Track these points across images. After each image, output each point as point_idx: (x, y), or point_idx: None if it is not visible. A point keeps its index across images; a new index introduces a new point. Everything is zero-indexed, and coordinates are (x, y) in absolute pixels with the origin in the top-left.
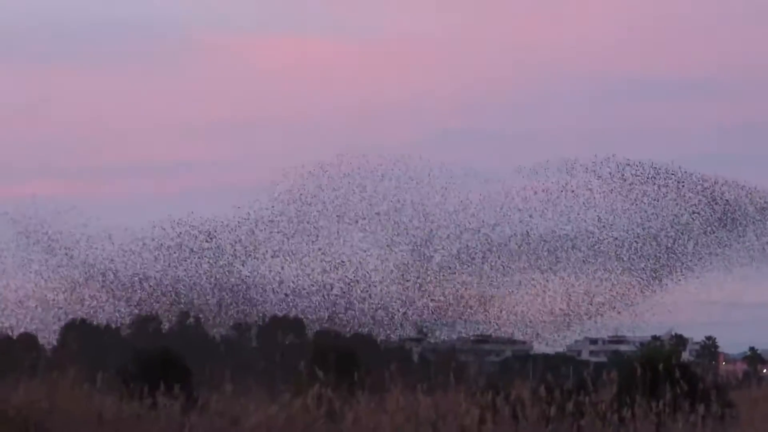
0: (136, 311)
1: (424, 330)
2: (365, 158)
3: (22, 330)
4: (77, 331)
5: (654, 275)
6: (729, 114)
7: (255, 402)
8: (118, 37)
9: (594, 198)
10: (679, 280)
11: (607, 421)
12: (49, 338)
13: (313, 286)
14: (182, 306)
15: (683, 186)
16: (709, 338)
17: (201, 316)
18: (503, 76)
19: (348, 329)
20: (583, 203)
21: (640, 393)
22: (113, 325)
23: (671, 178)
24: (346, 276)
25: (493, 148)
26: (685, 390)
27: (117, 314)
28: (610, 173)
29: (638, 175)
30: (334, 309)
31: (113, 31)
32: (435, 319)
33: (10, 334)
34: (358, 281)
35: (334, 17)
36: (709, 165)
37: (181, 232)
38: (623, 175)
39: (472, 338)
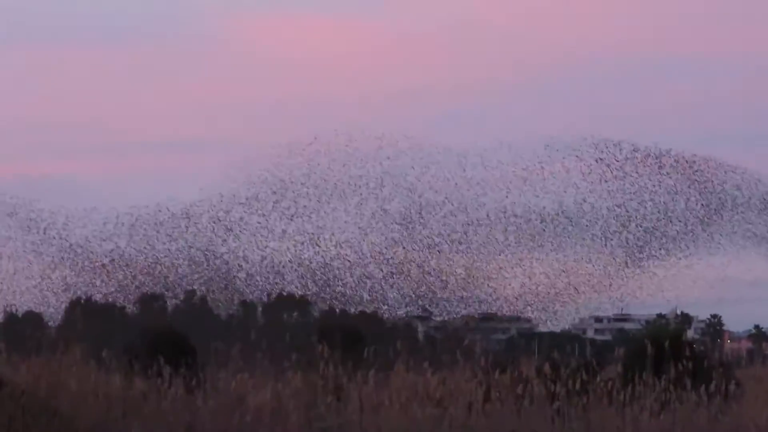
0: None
1: (429, 308)
2: (349, 138)
3: (26, 308)
4: (82, 310)
5: (637, 254)
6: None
7: (261, 380)
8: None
9: (571, 177)
10: (663, 258)
11: (613, 398)
12: (53, 316)
13: (301, 265)
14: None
15: (663, 165)
16: (714, 316)
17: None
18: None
19: (353, 308)
20: (563, 182)
21: (646, 371)
22: (118, 304)
23: (651, 157)
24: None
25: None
26: (690, 368)
27: (93, 289)
28: (592, 152)
29: (616, 154)
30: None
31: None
32: (438, 297)
33: (15, 312)
34: (353, 262)
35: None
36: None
37: (160, 211)
38: (602, 154)
39: (477, 316)
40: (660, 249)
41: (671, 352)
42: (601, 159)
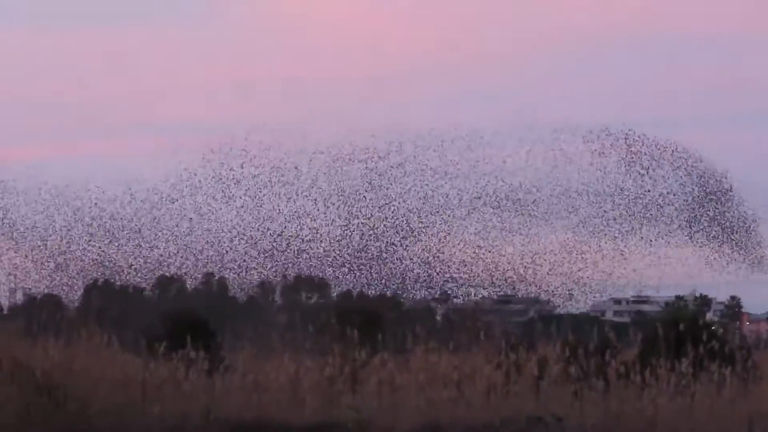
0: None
1: (448, 291)
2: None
3: (45, 291)
4: (99, 292)
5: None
6: None
7: (279, 362)
8: None
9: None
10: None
11: (631, 381)
12: (71, 299)
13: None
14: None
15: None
16: (733, 298)
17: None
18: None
19: (372, 290)
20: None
21: (664, 353)
22: (136, 286)
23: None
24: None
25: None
26: (708, 350)
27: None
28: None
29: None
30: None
31: None
32: (456, 280)
33: (34, 294)
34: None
35: None
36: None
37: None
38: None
39: (495, 298)
40: (676, 230)
41: (689, 334)
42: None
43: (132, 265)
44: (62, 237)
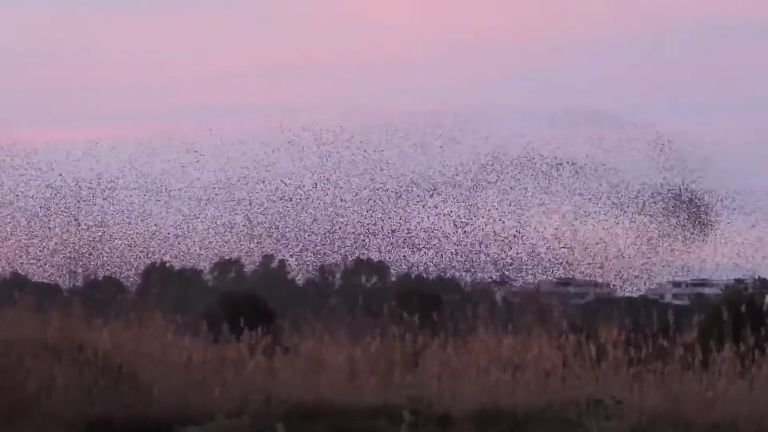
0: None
1: (507, 273)
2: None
3: (105, 273)
4: (158, 274)
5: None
6: None
7: (339, 344)
8: None
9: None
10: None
11: (690, 363)
12: (131, 281)
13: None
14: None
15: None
16: None
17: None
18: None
19: (431, 272)
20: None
21: (723, 336)
22: (195, 268)
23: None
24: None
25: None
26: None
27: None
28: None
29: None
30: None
31: None
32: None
33: (95, 276)
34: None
35: None
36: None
37: None
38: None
39: (554, 280)
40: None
41: (749, 317)
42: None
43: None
44: (121, 220)
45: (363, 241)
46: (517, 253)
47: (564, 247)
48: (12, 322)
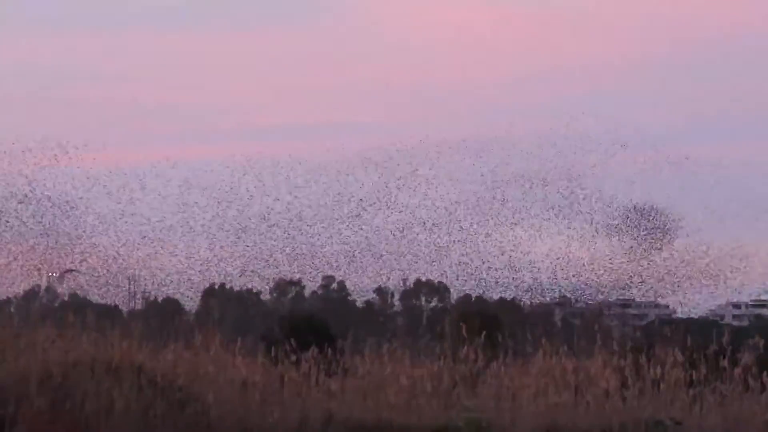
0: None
1: (567, 294)
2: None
3: (165, 295)
4: (218, 297)
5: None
6: None
7: (399, 365)
8: None
9: None
10: None
11: (749, 385)
12: (190, 303)
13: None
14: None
15: None
16: None
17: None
18: None
19: (491, 293)
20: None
21: None
22: (254, 290)
23: None
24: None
25: None
26: None
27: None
28: None
29: None
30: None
31: None
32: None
33: (155, 299)
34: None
35: None
36: None
37: None
38: None
39: (615, 301)
40: None
41: None
42: None
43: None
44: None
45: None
46: (577, 275)
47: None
48: (71, 344)
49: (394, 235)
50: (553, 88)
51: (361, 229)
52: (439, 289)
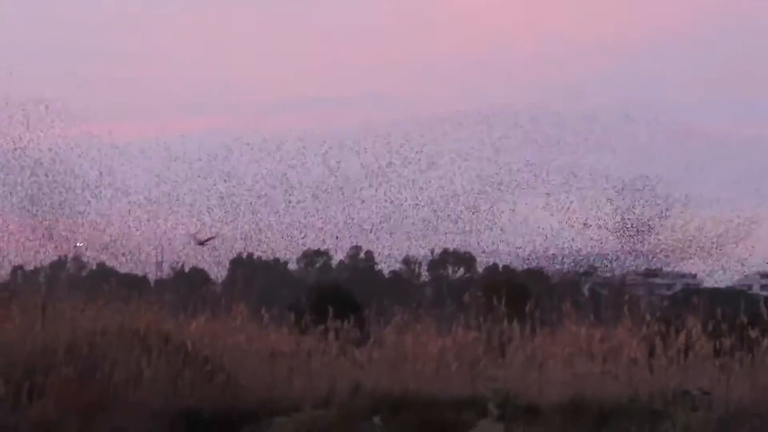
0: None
1: (594, 264)
2: None
3: (192, 265)
4: (245, 266)
5: None
6: None
7: (426, 336)
8: None
9: None
10: None
11: None
12: (217, 273)
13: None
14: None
15: None
16: None
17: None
18: None
19: (518, 263)
20: None
21: None
22: (281, 260)
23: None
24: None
25: None
26: None
27: None
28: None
29: None
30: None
31: None
32: (603, 253)
33: (182, 268)
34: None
35: None
36: None
37: None
38: None
39: (642, 272)
40: None
41: None
42: None
43: (277, 238)
44: (209, 210)
45: (450, 232)
46: (603, 245)
47: (649, 237)
48: (99, 313)
49: (421, 205)
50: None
51: (390, 199)
52: (465, 259)
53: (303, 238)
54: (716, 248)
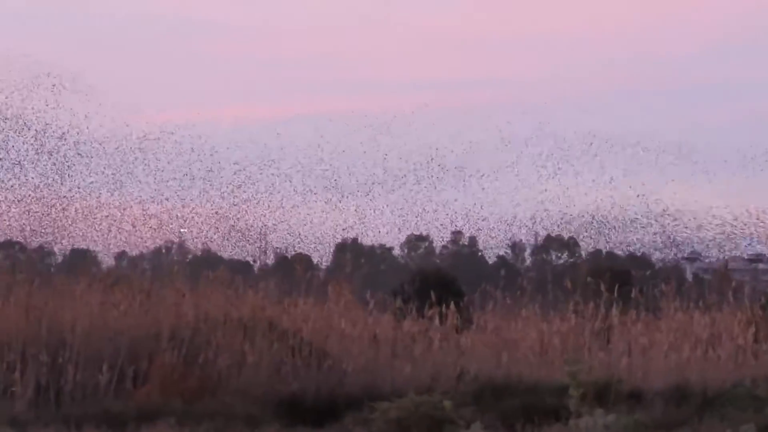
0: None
1: (698, 250)
2: None
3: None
4: (350, 252)
5: None
6: None
7: (530, 321)
8: None
9: None
10: None
11: None
12: (322, 258)
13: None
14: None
15: None
16: None
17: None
18: None
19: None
20: None
21: None
22: (386, 245)
23: None
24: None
25: None
26: None
27: None
28: None
29: None
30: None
31: None
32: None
33: (286, 254)
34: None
35: None
36: None
37: None
38: None
39: (746, 257)
40: None
41: None
42: None
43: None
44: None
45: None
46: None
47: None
48: (204, 299)
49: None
50: None
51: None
52: (569, 245)
53: (405, 223)
54: None
